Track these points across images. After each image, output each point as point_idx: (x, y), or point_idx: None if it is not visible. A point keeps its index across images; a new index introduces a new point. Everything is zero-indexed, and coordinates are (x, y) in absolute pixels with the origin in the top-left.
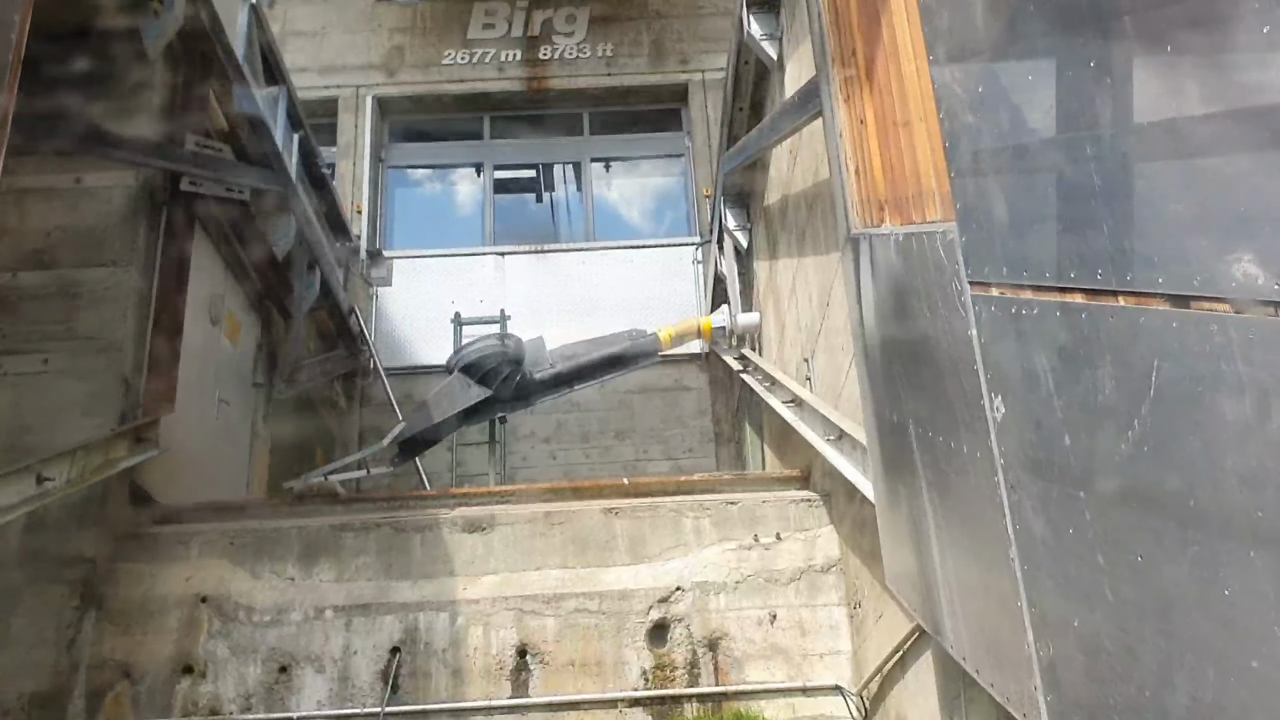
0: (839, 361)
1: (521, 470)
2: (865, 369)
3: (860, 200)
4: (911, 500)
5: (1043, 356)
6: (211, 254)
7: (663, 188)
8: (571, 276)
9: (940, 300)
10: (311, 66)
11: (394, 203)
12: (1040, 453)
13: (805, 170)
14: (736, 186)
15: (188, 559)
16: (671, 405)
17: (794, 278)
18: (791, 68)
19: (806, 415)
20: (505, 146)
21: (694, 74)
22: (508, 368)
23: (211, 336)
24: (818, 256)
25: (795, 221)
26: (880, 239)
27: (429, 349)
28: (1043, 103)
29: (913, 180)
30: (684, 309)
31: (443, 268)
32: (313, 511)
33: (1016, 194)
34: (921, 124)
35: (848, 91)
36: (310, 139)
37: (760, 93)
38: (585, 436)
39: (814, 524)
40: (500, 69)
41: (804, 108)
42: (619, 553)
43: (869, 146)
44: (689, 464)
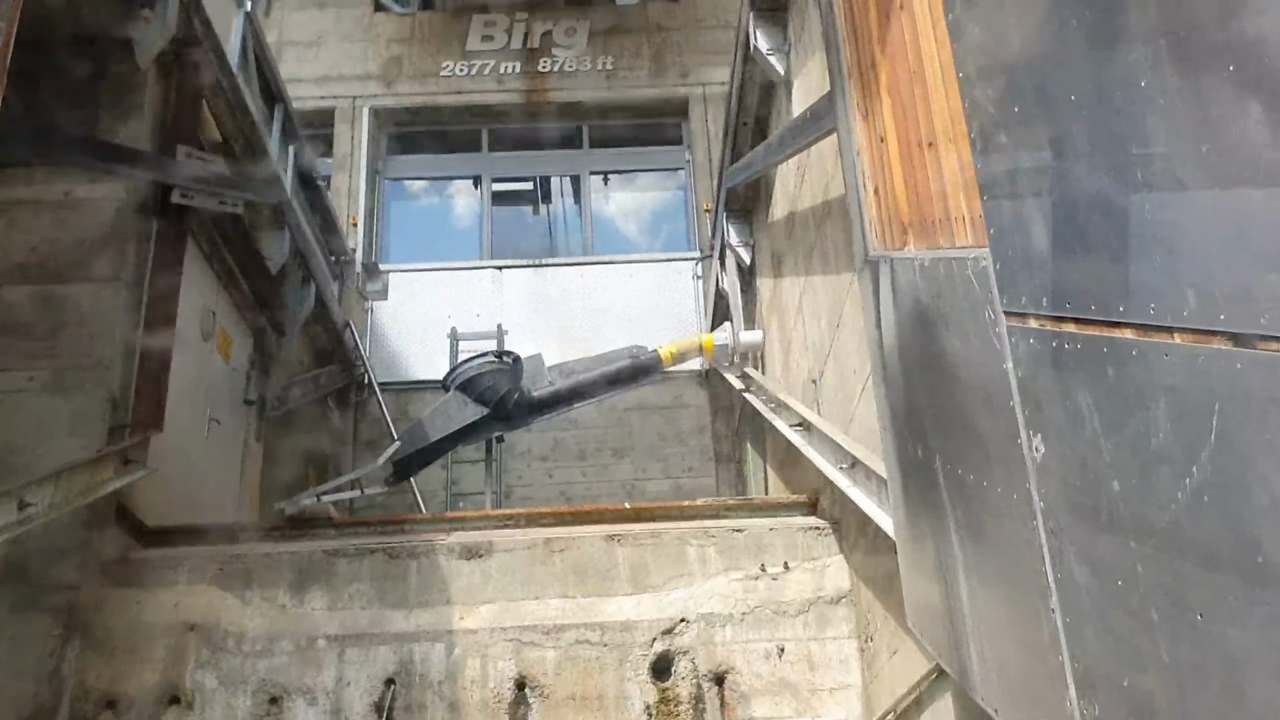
0: (850, 385)
1: (518, 488)
2: (886, 398)
3: (880, 222)
4: (938, 539)
5: (1088, 395)
6: (203, 267)
7: (662, 202)
8: (569, 291)
9: (971, 331)
10: (307, 77)
11: (390, 215)
12: (1085, 497)
13: (814, 188)
14: (739, 202)
15: (176, 585)
16: (670, 423)
17: (801, 296)
18: (800, 82)
19: (815, 440)
20: (504, 159)
21: (694, 87)
22: (505, 385)
23: (203, 353)
24: (827, 276)
25: (803, 239)
26: (903, 263)
27: (425, 364)
28: (1088, 123)
29: (939, 202)
30: (684, 324)
31: (439, 281)
32: (305, 535)
33: (1058, 221)
34: (949, 143)
35: (866, 108)
36: (306, 151)
37: (765, 107)
38: (582, 454)
39: (823, 553)
40: (499, 81)
41: (816, 124)
42: (621, 582)
43: (890, 166)
44: (689, 483)
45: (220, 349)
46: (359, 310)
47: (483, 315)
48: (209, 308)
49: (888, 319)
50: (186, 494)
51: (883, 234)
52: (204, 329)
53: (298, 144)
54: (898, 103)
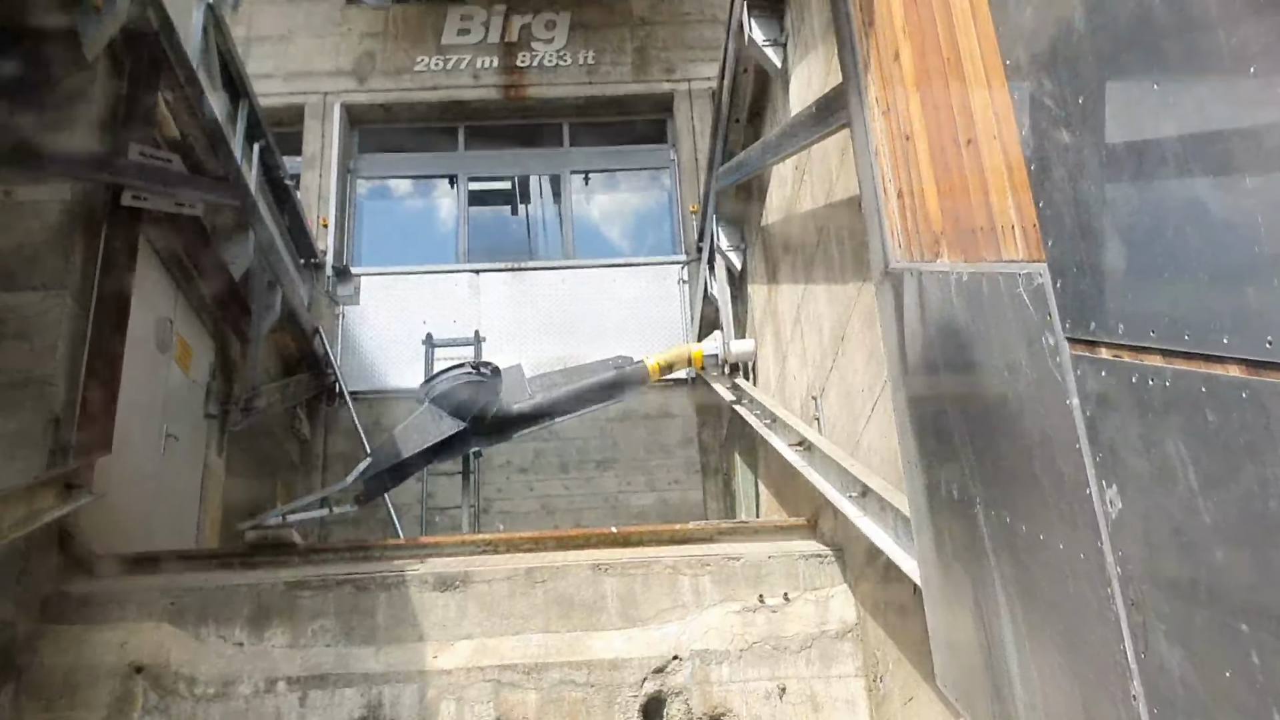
0: (858, 405)
1: (497, 502)
2: (911, 427)
3: (905, 229)
4: (979, 594)
5: (1180, 443)
6: (160, 274)
7: (646, 203)
8: (550, 296)
9: (1024, 359)
10: (277, 73)
11: (363, 216)
12: (1178, 566)
13: (815, 190)
14: (730, 204)
15: (123, 621)
16: (656, 433)
17: (799, 307)
18: (799, 76)
19: (818, 462)
20: (481, 158)
21: (680, 83)
22: (483, 399)
23: (158, 364)
24: (830, 286)
25: (801, 245)
26: (934, 277)
27: (399, 372)
28: (1178, 117)
29: (980, 209)
30: (669, 331)
31: (414, 286)
32: (267, 563)
33: (1138, 231)
34: (994, 142)
35: (887, 102)
36: (273, 149)
37: (760, 103)
38: (564, 467)
39: (826, 582)
40: (476, 76)
41: (824, 120)
42: (609, 615)
43: (918, 167)
44: (675, 497)
45: (179, 360)
46: (330, 316)
47: (459, 321)
48: (166, 317)
49: (914, 339)
50: (140, 518)
51: (908, 243)
52: (160, 339)
53: (263, 142)
54: (928, 96)
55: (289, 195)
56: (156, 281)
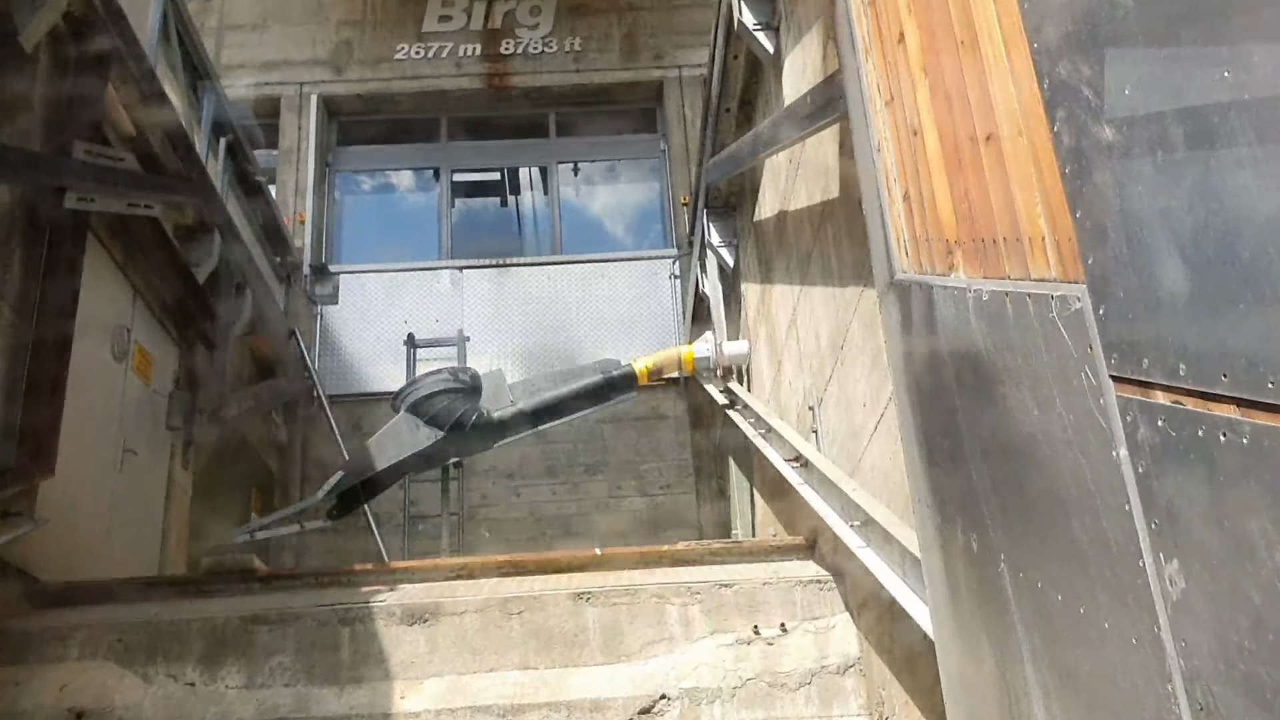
0: (859, 420)
1: (482, 509)
2: (921, 461)
3: (913, 236)
4: (1004, 668)
5: (1265, 516)
6: (115, 279)
7: (636, 195)
8: (536, 293)
9: (1059, 397)
10: (251, 63)
11: (341, 212)
12: (1260, 665)
13: (811, 184)
14: (722, 197)
15: (64, 661)
16: (647, 436)
17: (795, 309)
18: (793, 63)
19: (816, 481)
20: (464, 150)
21: (669, 70)
22: (462, 406)
23: (114, 375)
24: (829, 288)
25: (797, 243)
26: (947, 292)
27: (380, 373)
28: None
29: (1003, 217)
30: (661, 328)
31: (394, 284)
32: (225, 592)
33: (1204, 249)
34: (1019, 139)
35: (891, 91)
36: (242, 144)
37: (751, 91)
38: (552, 471)
39: (826, 611)
40: (458, 65)
41: (820, 111)
42: (591, 649)
43: (927, 165)
44: (667, 501)
45: (137, 370)
46: (307, 315)
47: (442, 321)
48: (122, 324)
49: (925, 362)
50: (94, 542)
51: (916, 251)
52: (116, 349)
53: (231, 136)
54: (939, 84)
55: (261, 191)
56: (111, 287)
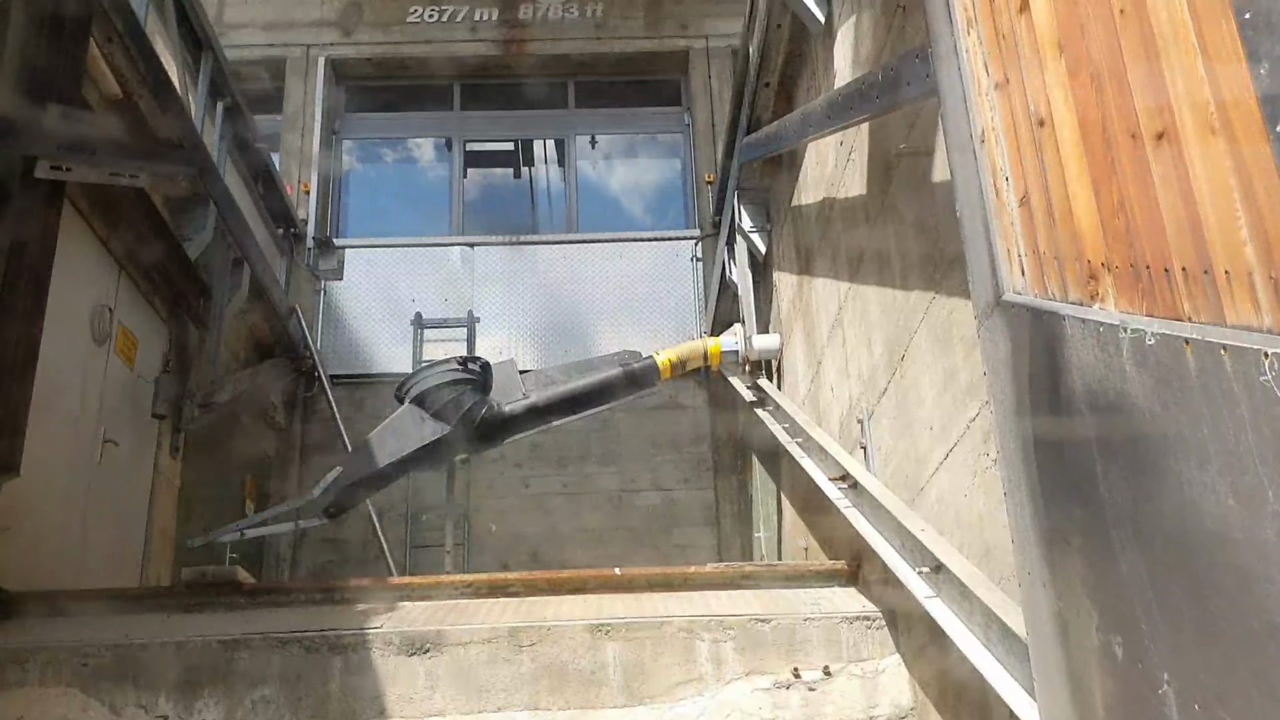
0: (923, 445)
1: (488, 501)
2: (1031, 522)
3: (1032, 249)
4: None
5: None
6: (97, 254)
7: (657, 171)
8: (551, 273)
9: (1270, 486)
10: (255, 22)
11: (348, 182)
12: None
13: (869, 172)
14: (754, 179)
15: (22, 686)
16: (663, 427)
17: (841, 308)
18: (848, 34)
19: (867, 506)
20: (478, 119)
21: (696, 40)
22: (471, 399)
23: (94, 360)
24: (886, 290)
25: (846, 236)
26: (1087, 327)
27: (385, 354)
28: None
29: (1182, 241)
30: (681, 314)
31: (402, 259)
32: (206, 607)
33: None
34: (1210, 138)
35: (1005, 71)
36: (241, 108)
37: (794, 65)
38: (562, 462)
39: (874, 652)
40: (473, 29)
41: (894, 91)
42: (610, 690)
43: (1059, 166)
44: (684, 497)
45: (120, 352)
46: (309, 291)
47: (451, 300)
48: (103, 304)
49: (1045, 405)
50: (67, 543)
51: (1037, 269)
52: (96, 330)
53: (228, 100)
54: (1081, 63)
55: (262, 158)
56: (92, 263)
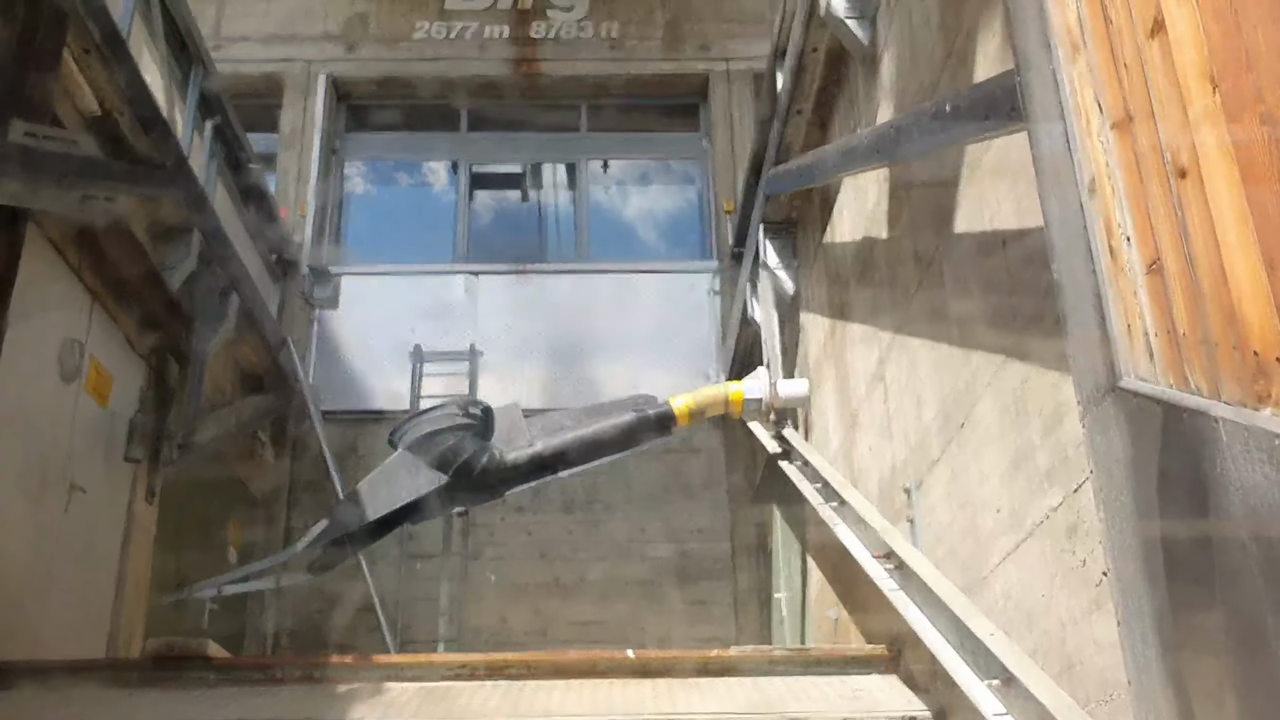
0: (985, 529)
1: (488, 548)
2: (1159, 663)
3: (1164, 329)
4: None
5: None
6: (67, 284)
7: (673, 199)
8: (558, 305)
9: None
10: (255, 35)
11: (347, 206)
12: None
13: (918, 210)
14: (782, 211)
15: None
16: (676, 471)
17: (882, 361)
18: (896, 58)
19: (915, 590)
20: (485, 142)
21: (716, 63)
22: (471, 446)
23: (60, 400)
24: (941, 346)
25: (891, 280)
26: (1254, 437)
27: (381, 389)
28: None
29: None
30: (698, 350)
31: (402, 288)
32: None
33: None
34: None
35: (1128, 107)
36: (234, 125)
37: (830, 92)
38: (568, 507)
39: None
40: (483, 47)
41: (965, 122)
42: None
43: (1210, 229)
44: (698, 548)
45: (92, 390)
46: (304, 320)
47: (452, 332)
48: (73, 338)
49: (1187, 524)
50: (25, 602)
51: (1173, 354)
52: (65, 367)
53: (218, 119)
54: (1245, 102)
55: (255, 180)
56: (61, 294)
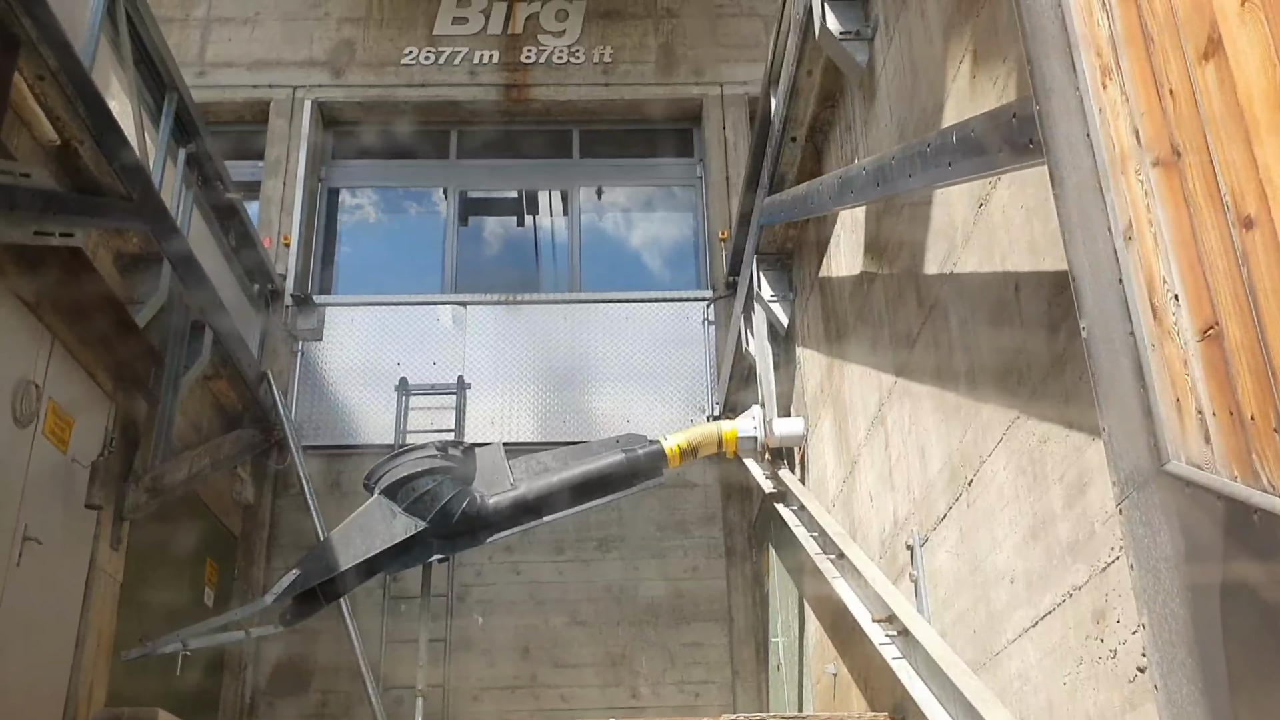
0: (999, 601)
1: (475, 589)
2: None
3: (1224, 407)
4: None
5: None
6: (24, 322)
7: (667, 227)
8: (550, 335)
9: None
10: (240, 60)
11: (333, 234)
12: None
13: (926, 243)
14: (776, 242)
15: None
16: (671, 508)
17: (883, 405)
18: (896, 83)
19: (921, 663)
20: (475, 169)
21: (711, 87)
22: (449, 490)
23: (15, 445)
24: (948, 394)
25: (891, 320)
26: None
27: (366, 423)
28: None
29: None
30: (692, 382)
31: (389, 319)
32: None
33: None
34: None
35: (1173, 139)
36: (210, 153)
37: (825, 118)
38: (558, 546)
39: None
40: (472, 73)
41: (972, 155)
42: None
43: (1277, 288)
44: (692, 587)
45: (50, 433)
46: (286, 352)
47: (440, 364)
48: (28, 379)
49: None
50: None
51: (1235, 438)
52: (19, 410)
53: (195, 145)
54: None
55: (237, 210)
56: (16, 333)
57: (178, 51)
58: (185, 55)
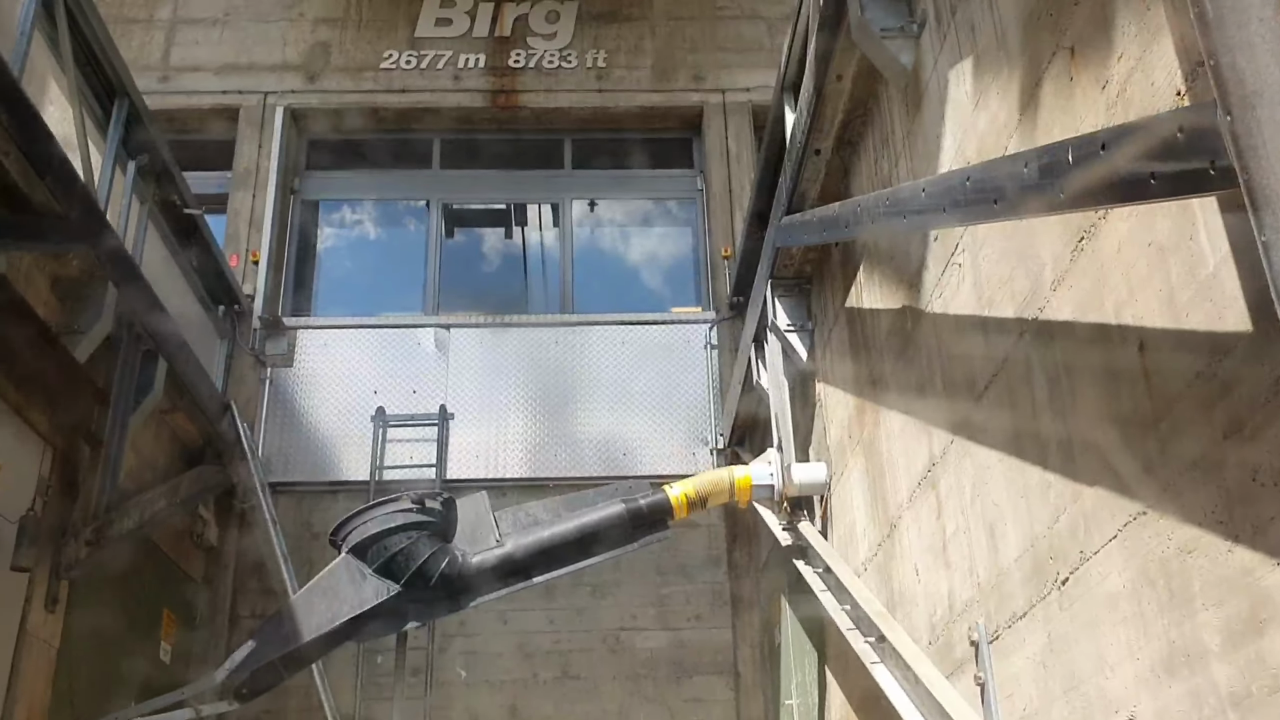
0: None
1: (458, 639)
2: None
3: None
4: None
5: None
6: None
7: (665, 243)
8: (541, 361)
9: None
10: (207, 64)
11: (306, 251)
12: None
13: (992, 285)
14: (793, 266)
15: None
16: (672, 549)
17: (935, 464)
18: (949, 86)
19: None
20: (459, 180)
21: (712, 94)
22: (426, 549)
23: None
24: (1030, 468)
25: (946, 366)
26: None
27: (340, 457)
28: None
29: None
30: (694, 411)
31: (365, 342)
32: None
33: None
34: None
35: None
36: (167, 165)
37: (857, 128)
38: (549, 592)
39: None
40: (457, 78)
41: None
42: None
43: None
44: (695, 638)
45: None
46: (254, 379)
47: (421, 391)
48: None
49: None
50: None
51: None
52: None
53: (148, 157)
54: None
55: (198, 226)
56: None
57: (141, 54)
58: (148, 58)
